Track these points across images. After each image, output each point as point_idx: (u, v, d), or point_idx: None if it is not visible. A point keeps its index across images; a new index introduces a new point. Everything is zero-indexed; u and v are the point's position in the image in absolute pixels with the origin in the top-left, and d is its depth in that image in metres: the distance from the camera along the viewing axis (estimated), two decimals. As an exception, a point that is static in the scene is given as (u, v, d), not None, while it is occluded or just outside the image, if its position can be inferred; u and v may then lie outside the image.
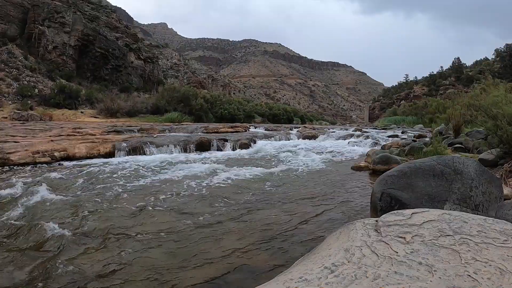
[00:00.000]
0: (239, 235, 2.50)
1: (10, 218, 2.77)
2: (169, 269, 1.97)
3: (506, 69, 43.00)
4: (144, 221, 2.77)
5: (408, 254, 0.95)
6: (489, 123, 4.38)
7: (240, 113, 26.99)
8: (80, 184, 4.10)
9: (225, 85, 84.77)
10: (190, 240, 2.39)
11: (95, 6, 41.29)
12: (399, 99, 58.77)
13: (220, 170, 5.18)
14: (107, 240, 2.39)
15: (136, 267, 1.98)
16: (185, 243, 2.34)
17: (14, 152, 5.54)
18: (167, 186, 4.07)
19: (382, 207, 2.24)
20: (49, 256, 2.10)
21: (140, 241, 2.37)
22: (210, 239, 2.42)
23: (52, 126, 10.52)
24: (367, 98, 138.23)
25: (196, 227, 2.67)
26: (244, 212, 3.08)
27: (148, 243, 2.33)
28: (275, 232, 2.56)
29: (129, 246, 2.28)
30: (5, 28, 28.80)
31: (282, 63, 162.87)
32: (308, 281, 0.88)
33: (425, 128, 18.06)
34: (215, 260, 2.08)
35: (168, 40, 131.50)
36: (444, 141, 6.44)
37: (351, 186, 4.22)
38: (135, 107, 21.44)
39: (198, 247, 2.28)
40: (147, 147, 7.09)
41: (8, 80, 22.39)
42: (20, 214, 2.88)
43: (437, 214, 1.21)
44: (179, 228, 2.63)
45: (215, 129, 12.03)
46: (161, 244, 2.32)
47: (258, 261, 2.08)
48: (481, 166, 2.31)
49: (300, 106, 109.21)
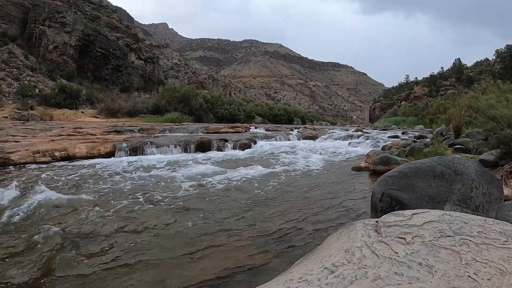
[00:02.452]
0: (238, 235, 2.50)
1: (10, 218, 2.78)
2: (168, 268, 1.97)
3: (506, 70, 42.97)
4: (143, 221, 2.77)
5: (408, 254, 0.95)
6: (488, 124, 4.38)
7: (241, 114, 27.00)
8: (80, 184, 4.10)
9: (225, 85, 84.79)
10: (190, 240, 2.39)
11: (96, 6, 41.35)
12: (399, 100, 58.73)
13: (220, 170, 5.18)
14: (107, 239, 2.39)
15: (135, 267, 1.98)
16: (184, 243, 2.34)
17: (14, 151, 5.55)
18: (167, 186, 4.07)
19: (382, 207, 2.24)
20: (50, 256, 2.10)
21: (140, 241, 2.37)
22: (210, 239, 2.42)
23: (52, 126, 10.53)
24: (368, 98, 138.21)
25: (196, 227, 2.67)
26: (244, 212, 3.08)
27: (147, 243, 2.33)
28: (275, 232, 2.56)
29: (128, 246, 2.28)
30: (6, 28, 28.83)
31: (282, 63, 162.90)
32: (308, 282, 0.88)
33: (426, 128, 18.07)
34: (214, 260, 2.08)
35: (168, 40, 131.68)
36: (444, 142, 6.43)
37: (352, 187, 4.22)
38: (136, 107, 21.46)
39: (198, 247, 2.28)
40: (147, 147, 7.09)
41: (9, 80, 22.41)
42: (20, 214, 2.88)
43: (438, 215, 1.21)
44: (178, 228, 2.63)
45: (216, 129, 12.04)
46: (160, 244, 2.32)
47: (258, 261, 2.08)
48: (481, 167, 2.31)
49: (300, 106, 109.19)
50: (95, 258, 2.08)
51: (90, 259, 2.07)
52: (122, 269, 1.96)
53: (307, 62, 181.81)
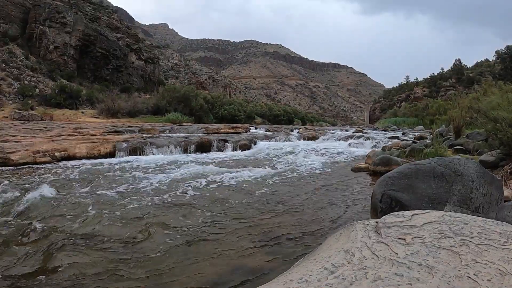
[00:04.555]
0: (238, 236, 2.50)
1: (10, 218, 2.78)
2: (168, 269, 1.97)
3: (506, 71, 42.98)
4: (143, 221, 2.77)
5: (408, 255, 0.95)
6: (489, 125, 4.38)
7: (241, 114, 27.03)
8: (80, 184, 4.11)
9: (225, 86, 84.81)
10: (189, 241, 2.39)
11: (96, 6, 41.41)
12: (399, 101, 58.73)
13: (220, 171, 5.18)
14: (106, 239, 2.38)
15: (135, 267, 1.98)
16: (184, 244, 2.34)
17: (14, 151, 5.55)
18: (167, 187, 4.07)
19: (382, 208, 2.24)
20: (50, 255, 2.10)
21: (140, 241, 2.37)
22: (210, 240, 2.42)
23: (52, 126, 10.54)
24: (368, 99, 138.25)
25: (196, 227, 2.67)
26: (244, 213, 3.08)
27: (147, 243, 2.33)
28: (274, 233, 2.55)
29: (128, 246, 2.28)
30: (6, 28, 28.87)
31: (283, 64, 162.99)
32: (308, 282, 0.88)
33: (426, 129, 18.08)
34: (214, 261, 2.08)
35: (169, 41, 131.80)
36: (444, 143, 6.43)
37: (352, 187, 4.22)
38: (136, 107, 21.49)
39: (197, 247, 2.28)
40: (147, 148, 7.10)
41: (9, 80, 22.43)
42: (20, 214, 2.88)
43: (438, 215, 1.21)
44: (178, 228, 2.63)
45: (216, 130, 12.04)
46: (159, 245, 2.31)
47: (258, 262, 2.07)
48: (481, 167, 2.31)
49: (300, 107, 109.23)
50: (94, 258, 2.08)
51: (90, 259, 2.07)
52: (122, 269, 1.96)
53: (307, 63, 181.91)
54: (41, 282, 1.82)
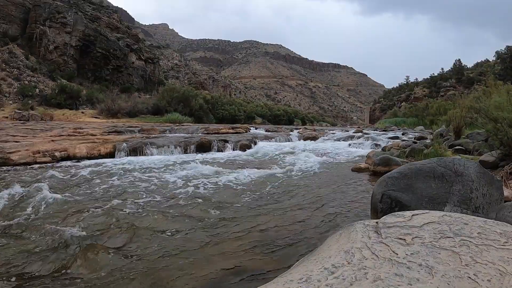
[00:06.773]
0: (238, 236, 2.49)
1: (10, 218, 2.78)
2: (168, 270, 1.97)
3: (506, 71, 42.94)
4: (143, 222, 2.77)
5: (408, 255, 0.95)
6: (489, 126, 4.37)
7: (241, 114, 27.04)
8: (81, 184, 4.10)
9: (226, 86, 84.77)
10: (189, 242, 2.39)
11: (96, 6, 41.41)
12: (399, 101, 58.70)
13: (220, 171, 5.18)
14: (105, 240, 2.39)
15: (135, 268, 1.98)
16: (183, 245, 2.34)
17: (14, 151, 5.55)
18: (166, 187, 4.07)
19: (382, 208, 2.24)
20: (49, 255, 2.10)
21: (139, 241, 2.37)
22: (209, 241, 2.42)
23: (52, 126, 10.54)
24: (368, 99, 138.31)
25: (195, 228, 2.67)
26: (244, 214, 3.08)
27: (147, 244, 2.33)
28: (275, 233, 2.55)
29: (128, 246, 2.28)
30: (6, 28, 28.89)
31: (283, 64, 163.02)
32: (308, 283, 0.88)
33: (426, 129, 18.08)
34: (214, 262, 2.08)
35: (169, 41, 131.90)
36: (444, 143, 6.43)
37: (351, 188, 4.22)
38: (136, 107, 21.49)
39: (197, 248, 2.28)
40: (147, 148, 7.10)
41: (9, 80, 22.44)
42: (20, 214, 2.88)
43: (438, 216, 1.21)
44: (177, 230, 2.63)
45: (216, 130, 12.05)
46: (159, 245, 2.31)
47: (258, 262, 2.07)
48: (481, 168, 2.31)
49: (300, 107, 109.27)
50: (94, 258, 2.08)
51: (90, 259, 2.07)
52: (122, 269, 1.96)
53: (307, 63, 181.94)
54: (43, 283, 1.82)
